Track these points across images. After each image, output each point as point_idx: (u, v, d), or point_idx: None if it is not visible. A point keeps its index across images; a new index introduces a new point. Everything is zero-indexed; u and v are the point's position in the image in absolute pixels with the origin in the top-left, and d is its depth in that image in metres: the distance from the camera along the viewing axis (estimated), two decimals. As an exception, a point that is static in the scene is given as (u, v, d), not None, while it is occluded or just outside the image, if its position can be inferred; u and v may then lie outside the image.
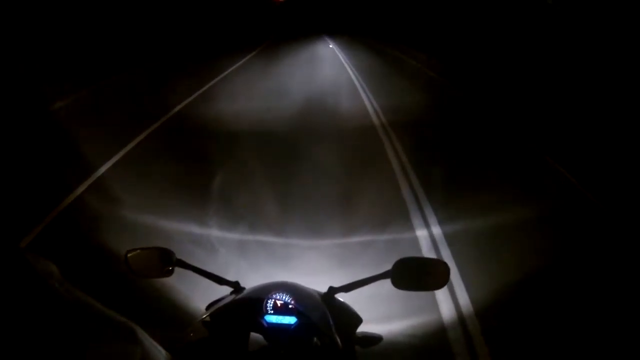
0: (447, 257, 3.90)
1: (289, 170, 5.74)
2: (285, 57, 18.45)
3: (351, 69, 14.78)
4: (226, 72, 14.02)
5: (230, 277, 1.56)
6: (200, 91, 11.10)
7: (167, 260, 1.50)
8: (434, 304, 3.29)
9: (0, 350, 0.59)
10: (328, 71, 14.82)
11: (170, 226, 4.26)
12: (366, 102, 9.89)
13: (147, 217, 4.37)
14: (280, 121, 8.18)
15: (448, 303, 3.32)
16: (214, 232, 4.26)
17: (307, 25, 35.48)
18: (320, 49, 22.01)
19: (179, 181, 5.38)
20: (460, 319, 3.17)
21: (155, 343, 0.78)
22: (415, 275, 1.46)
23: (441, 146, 6.88)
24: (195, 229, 4.28)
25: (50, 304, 0.70)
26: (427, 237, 4.25)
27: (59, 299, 0.72)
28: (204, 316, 1.41)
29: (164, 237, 4.06)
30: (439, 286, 1.48)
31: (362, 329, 1.49)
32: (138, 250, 1.51)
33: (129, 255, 1.50)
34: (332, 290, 1.49)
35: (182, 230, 4.23)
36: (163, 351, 0.80)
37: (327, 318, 1.37)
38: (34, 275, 0.70)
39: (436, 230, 4.34)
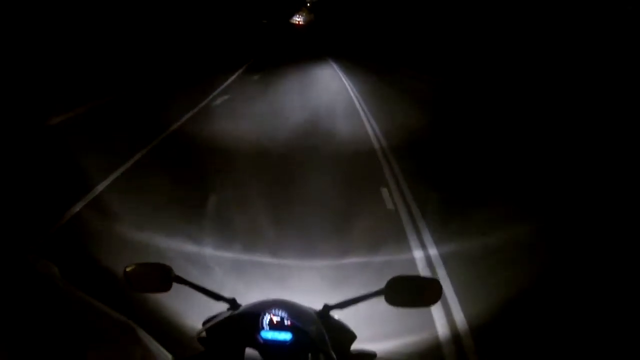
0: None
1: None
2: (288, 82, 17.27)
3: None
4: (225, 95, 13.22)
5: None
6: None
7: (165, 276, 1.52)
8: (428, 321, 3.33)
9: (2, 349, 0.60)
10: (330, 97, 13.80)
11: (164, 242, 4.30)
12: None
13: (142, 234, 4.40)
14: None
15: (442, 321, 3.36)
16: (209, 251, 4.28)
17: (314, 45, 35.77)
18: (323, 74, 21.08)
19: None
20: (454, 337, 3.21)
21: (156, 343, 0.79)
22: (408, 292, 1.48)
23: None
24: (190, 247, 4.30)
25: (51, 304, 0.71)
26: (422, 258, 4.30)
27: (59, 299, 0.73)
28: (201, 332, 1.42)
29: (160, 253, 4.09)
30: (431, 303, 1.50)
31: (355, 345, 1.50)
32: (137, 265, 1.53)
33: (127, 269, 1.52)
34: (327, 308, 1.51)
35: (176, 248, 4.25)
36: (164, 351, 0.81)
37: (322, 334, 1.38)
38: (36, 276, 0.72)
39: (433, 251, 4.37)
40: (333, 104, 12.60)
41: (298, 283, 3.80)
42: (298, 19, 43.26)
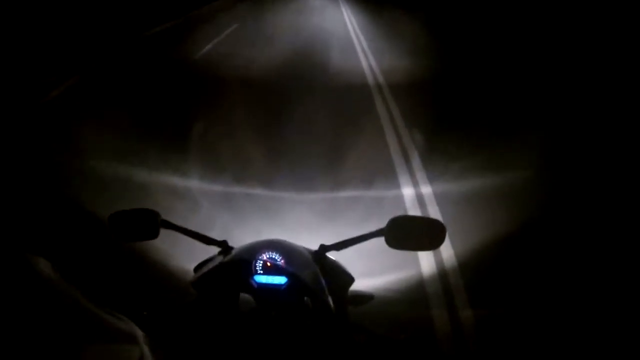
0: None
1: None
2: None
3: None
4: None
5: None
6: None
7: (151, 222, 1.45)
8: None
9: (1, 349, 0.58)
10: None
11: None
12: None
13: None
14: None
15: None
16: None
17: None
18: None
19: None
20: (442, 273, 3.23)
21: (155, 343, 0.76)
22: (410, 234, 1.42)
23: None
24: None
25: (51, 304, 0.69)
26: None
27: (59, 299, 0.71)
28: (193, 279, 1.37)
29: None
30: (435, 246, 1.45)
31: (353, 287, 1.47)
32: (121, 213, 1.46)
33: (111, 218, 1.45)
34: (324, 248, 1.45)
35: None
36: (164, 351, 0.79)
37: (318, 278, 1.34)
38: (35, 276, 0.70)
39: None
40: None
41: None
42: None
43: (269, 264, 1.38)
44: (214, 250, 1.50)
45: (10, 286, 0.65)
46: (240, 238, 1.53)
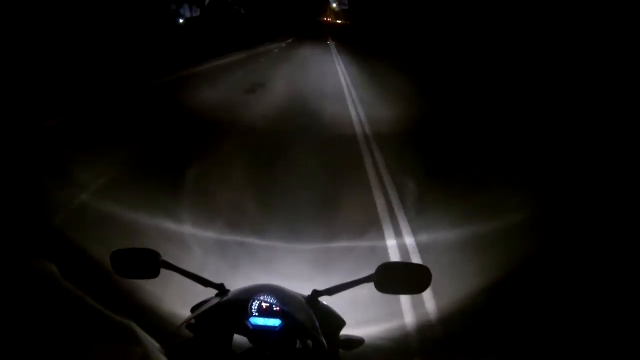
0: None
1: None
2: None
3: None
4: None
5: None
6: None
7: (153, 262, 1.50)
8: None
9: (1, 350, 0.60)
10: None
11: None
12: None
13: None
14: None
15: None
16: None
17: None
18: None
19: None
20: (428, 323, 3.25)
21: (156, 343, 0.79)
22: (398, 279, 1.48)
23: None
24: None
25: (51, 304, 0.71)
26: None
27: (59, 299, 0.73)
28: (189, 319, 1.41)
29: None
30: (421, 290, 1.51)
31: (344, 331, 1.52)
32: (124, 251, 1.51)
33: (114, 255, 1.50)
34: (316, 294, 1.51)
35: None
36: (164, 352, 0.81)
37: (312, 320, 1.38)
38: (35, 276, 0.72)
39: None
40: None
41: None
42: (325, 18, 48.09)
43: (264, 306, 1.43)
44: (211, 292, 1.55)
45: (16, 287, 0.68)
46: (234, 285, 1.57)
